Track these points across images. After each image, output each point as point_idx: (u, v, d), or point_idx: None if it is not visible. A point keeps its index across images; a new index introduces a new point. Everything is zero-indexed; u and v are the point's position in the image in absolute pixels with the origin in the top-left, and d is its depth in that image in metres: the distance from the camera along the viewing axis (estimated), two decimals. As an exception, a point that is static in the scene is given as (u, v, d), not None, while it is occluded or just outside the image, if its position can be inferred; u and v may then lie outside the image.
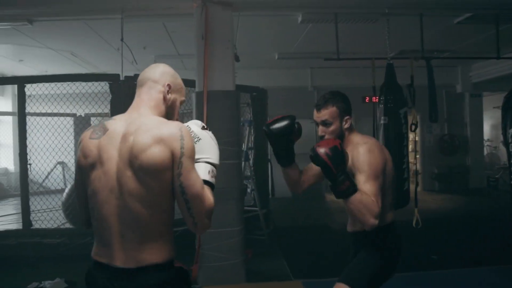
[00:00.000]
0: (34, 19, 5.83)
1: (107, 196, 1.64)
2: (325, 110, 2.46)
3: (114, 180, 1.63)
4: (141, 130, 1.62)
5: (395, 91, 4.84)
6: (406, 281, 4.58)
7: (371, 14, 5.72)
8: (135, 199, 1.60)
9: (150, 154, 1.58)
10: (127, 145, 1.62)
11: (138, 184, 1.60)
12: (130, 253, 1.63)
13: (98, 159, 1.66)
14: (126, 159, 1.61)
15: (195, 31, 4.57)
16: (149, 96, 1.78)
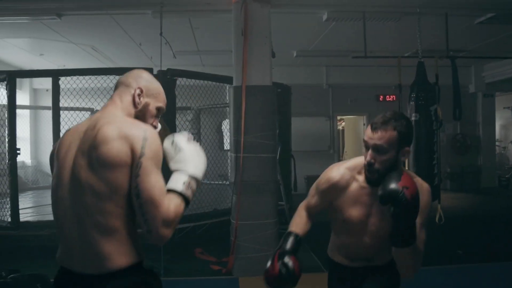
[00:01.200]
0: (63, 13, 5.92)
1: (62, 192, 1.58)
2: (383, 133, 1.91)
3: (69, 175, 1.57)
4: (108, 124, 1.56)
5: (426, 88, 4.94)
6: (435, 274, 4.69)
7: (398, 13, 5.80)
8: (92, 194, 1.50)
9: (110, 147, 1.50)
10: (87, 137, 1.57)
11: (95, 178, 1.50)
12: (89, 257, 1.51)
13: (57, 156, 1.66)
14: (85, 151, 1.55)
15: (232, 27, 4.66)
16: (119, 98, 1.74)
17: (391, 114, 1.95)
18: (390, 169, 1.92)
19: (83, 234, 1.51)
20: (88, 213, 1.50)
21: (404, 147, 1.95)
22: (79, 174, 1.53)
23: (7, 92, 5.23)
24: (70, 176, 1.56)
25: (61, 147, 1.66)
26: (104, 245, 1.49)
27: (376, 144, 1.91)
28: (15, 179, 5.33)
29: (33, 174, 10.89)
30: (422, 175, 4.66)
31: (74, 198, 1.54)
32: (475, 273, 4.73)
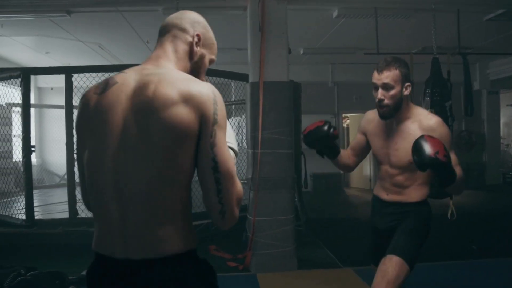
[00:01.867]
0: (73, 10, 5.90)
1: (106, 167, 1.28)
2: (388, 72, 2.28)
3: (117, 144, 1.27)
4: (165, 82, 1.28)
5: (441, 84, 4.94)
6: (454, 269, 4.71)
7: (410, 9, 5.80)
8: (148, 168, 1.24)
9: (175, 112, 1.23)
10: (142, 98, 1.27)
11: (153, 149, 1.24)
12: (139, 240, 1.26)
13: (99, 117, 1.31)
14: (139, 116, 1.26)
15: (249, 23, 4.65)
16: (173, 46, 1.45)
17: (391, 58, 2.35)
18: (399, 103, 2.31)
19: (133, 215, 1.25)
20: (142, 192, 1.24)
21: (406, 82, 2.33)
22: (133, 147, 1.25)
23: (21, 90, 5.21)
24: (119, 148, 1.26)
25: (96, 110, 1.32)
26: (159, 227, 1.25)
27: (384, 82, 2.29)
28: (30, 177, 5.33)
29: (38, 173, 10.86)
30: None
31: (123, 175, 1.25)
32: (490, 268, 4.74)
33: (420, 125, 2.33)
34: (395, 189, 2.46)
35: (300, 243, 5.56)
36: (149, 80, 1.30)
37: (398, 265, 2.22)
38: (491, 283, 4.24)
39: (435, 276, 4.53)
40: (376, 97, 2.33)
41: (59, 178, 10.71)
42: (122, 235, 1.27)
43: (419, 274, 4.51)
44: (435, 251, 5.46)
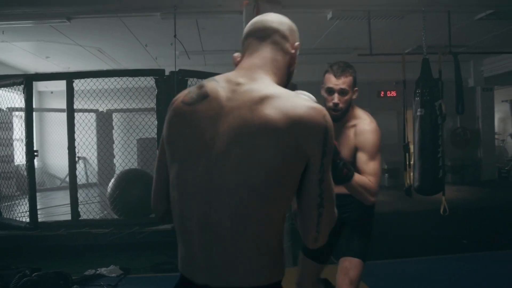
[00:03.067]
0: (73, 16, 6.04)
1: (196, 186, 1.18)
2: (345, 78, 2.37)
3: (214, 166, 1.15)
4: (268, 102, 1.14)
5: (431, 84, 5.08)
6: (443, 262, 4.86)
7: (402, 11, 5.94)
8: (244, 195, 1.13)
9: (280, 139, 1.11)
10: (240, 121, 1.14)
11: (249, 175, 1.12)
12: (226, 270, 1.17)
13: (191, 133, 1.20)
14: (244, 135, 1.13)
15: (244, 27, 4.78)
16: (274, 55, 1.30)
17: (344, 63, 2.46)
18: (348, 107, 2.45)
19: (215, 245, 1.16)
20: (232, 222, 1.14)
21: (355, 87, 2.47)
22: (235, 167, 1.13)
23: (24, 96, 5.35)
24: (218, 168, 1.15)
25: (189, 123, 1.21)
26: (247, 260, 1.16)
27: (341, 88, 2.38)
28: (33, 180, 5.47)
29: (39, 176, 10.99)
30: (427, 168, 4.84)
31: (214, 200, 1.15)
32: (479, 261, 4.88)
33: (356, 129, 2.45)
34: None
35: (296, 240, 5.71)
36: (248, 98, 1.16)
37: (357, 266, 2.45)
38: (481, 275, 4.39)
39: (426, 269, 4.68)
40: (330, 101, 2.40)
41: (60, 181, 10.85)
42: (205, 263, 1.19)
43: (411, 268, 4.71)
44: (428, 246, 5.64)
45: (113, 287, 4.42)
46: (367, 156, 2.35)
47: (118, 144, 9.22)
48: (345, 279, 2.41)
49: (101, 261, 4.98)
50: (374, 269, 4.71)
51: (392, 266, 4.89)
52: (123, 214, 5.76)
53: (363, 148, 2.37)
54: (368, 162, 2.33)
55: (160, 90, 5.39)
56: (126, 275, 4.72)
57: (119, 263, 4.94)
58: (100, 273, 4.71)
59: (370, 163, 2.34)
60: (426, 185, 5.14)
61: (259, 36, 1.31)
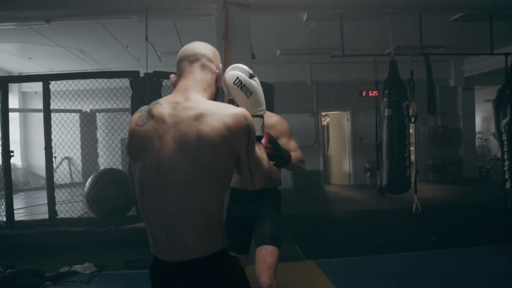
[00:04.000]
0: (51, 19, 6.11)
1: (153, 188, 1.50)
2: None
3: (160, 170, 1.48)
4: (207, 115, 1.47)
5: (398, 85, 5.21)
6: (412, 259, 4.99)
7: (375, 13, 6.07)
8: (187, 189, 1.47)
9: (217, 150, 1.46)
10: (182, 132, 1.47)
11: (192, 174, 1.46)
12: (183, 246, 1.49)
13: (144, 147, 1.52)
14: (179, 147, 1.46)
15: (214, 30, 4.92)
16: (203, 75, 1.61)
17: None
18: None
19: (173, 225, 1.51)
20: (183, 206, 1.49)
21: None
22: (178, 172, 1.50)
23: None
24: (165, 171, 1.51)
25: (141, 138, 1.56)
26: (201, 232, 1.50)
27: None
28: (10, 180, 5.55)
29: (24, 176, 11.08)
30: (394, 167, 4.97)
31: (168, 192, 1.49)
32: (450, 258, 5.02)
33: (270, 123, 2.79)
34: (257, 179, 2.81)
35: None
36: (187, 114, 1.49)
37: (273, 253, 2.68)
38: (442, 272, 4.53)
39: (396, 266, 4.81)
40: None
41: (44, 181, 10.89)
42: (167, 241, 1.53)
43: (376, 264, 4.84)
44: (397, 243, 5.78)
45: (86, 283, 4.52)
46: (287, 138, 2.86)
47: (102, 144, 9.29)
48: (263, 265, 2.62)
49: (77, 258, 5.07)
50: (344, 266, 4.87)
51: (358, 263, 5.02)
52: (100, 212, 5.86)
53: (282, 133, 2.85)
54: (290, 142, 2.86)
55: (134, 92, 5.49)
56: (100, 272, 4.82)
57: (94, 260, 5.03)
58: (75, 270, 4.80)
59: (291, 142, 2.87)
60: (394, 184, 5.27)
61: (190, 60, 1.63)
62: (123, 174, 6.15)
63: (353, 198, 9.92)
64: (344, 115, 11.99)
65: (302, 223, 7.22)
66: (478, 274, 4.41)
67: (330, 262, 4.90)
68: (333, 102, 11.69)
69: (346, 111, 11.88)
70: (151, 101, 1.67)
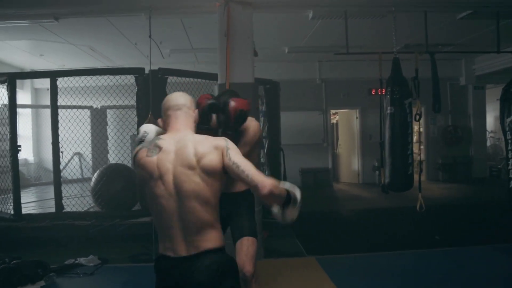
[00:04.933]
0: (59, 16, 6.22)
1: (167, 200, 1.97)
2: None
3: (172, 186, 1.97)
4: (198, 142, 2.02)
5: (400, 83, 5.21)
6: (413, 257, 5.01)
7: (379, 11, 6.07)
8: (193, 199, 1.94)
9: (209, 158, 1.97)
10: (185, 156, 1.98)
11: (196, 186, 1.95)
12: (191, 243, 1.94)
13: (157, 172, 1.99)
14: (184, 167, 1.96)
15: (217, 28, 4.97)
16: (187, 119, 2.17)
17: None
18: None
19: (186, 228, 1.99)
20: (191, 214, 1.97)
21: None
22: (184, 188, 1.99)
23: (8, 93, 5.55)
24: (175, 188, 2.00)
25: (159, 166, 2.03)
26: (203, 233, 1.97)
27: None
28: (17, 174, 5.67)
29: (36, 171, 11.26)
30: (397, 165, 4.98)
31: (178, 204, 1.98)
32: (453, 257, 5.02)
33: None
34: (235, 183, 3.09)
35: (273, 235, 5.89)
36: (182, 145, 2.02)
37: (254, 243, 2.96)
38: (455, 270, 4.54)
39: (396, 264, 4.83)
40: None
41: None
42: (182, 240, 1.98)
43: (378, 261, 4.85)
44: (401, 241, 5.79)
45: (89, 275, 4.63)
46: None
47: (112, 140, 9.41)
48: (247, 256, 2.88)
49: (82, 251, 5.19)
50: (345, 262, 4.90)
51: (358, 260, 5.05)
52: (105, 207, 5.96)
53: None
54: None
55: (139, 88, 5.57)
56: (104, 265, 4.93)
57: (99, 253, 5.15)
58: (79, 263, 4.92)
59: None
60: (396, 182, 5.28)
61: (175, 110, 2.17)
62: (129, 169, 6.24)
63: (361, 196, 9.92)
64: (353, 113, 11.97)
65: (308, 220, 7.21)
66: (483, 273, 4.42)
67: (331, 259, 4.94)
68: (342, 100, 11.67)
69: (355, 109, 11.85)
70: (156, 97, 2.38)
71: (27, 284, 4.22)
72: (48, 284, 4.31)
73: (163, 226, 2.01)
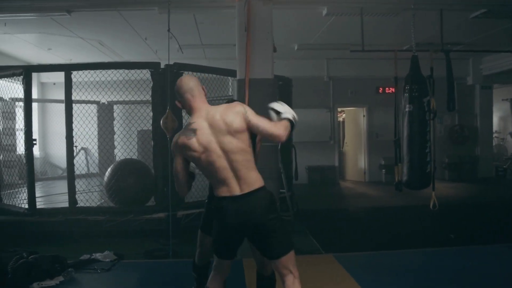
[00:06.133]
0: (73, 9, 6.17)
1: (218, 160, 2.52)
2: None
3: (219, 150, 2.52)
4: (224, 113, 2.51)
5: (419, 81, 5.19)
6: (428, 255, 4.98)
7: (395, 8, 6.04)
8: (236, 153, 2.50)
9: (236, 122, 2.49)
10: (219, 125, 2.49)
11: (235, 144, 2.49)
12: (243, 185, 2.51)
13: (201, 147, 2.50)
14: (223, 134, 2.50)
15: (236, 23, 4.93)
16: (202, 97, 2.63)
17: None
18: None
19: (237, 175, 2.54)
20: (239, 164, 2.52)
21: None
22: (228, 148, 2.52)
23: (23, 86, 5.50)
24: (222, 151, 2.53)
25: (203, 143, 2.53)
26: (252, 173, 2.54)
27: None
28: (32, 168, 5.64)
29: (42, 166, 11.20)
30: (415, 163, 4.96)
31: (228, 160, 2.51)
32: (465, 255, 5.00)
33: None
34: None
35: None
36: (214, 119, 2.52)
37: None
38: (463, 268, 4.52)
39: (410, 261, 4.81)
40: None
41: (62, 171, 11.03)
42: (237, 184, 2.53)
43: (395, 259, 4.84)
44: (416, 239, 5.77)
45: (107, 271, 4.58)
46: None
47: (119, 135, 9.36)
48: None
49: (97, 247, 5.14)
50: (361, 260, 4.88)
51: (374, 257, 5.02)
52: (119, 202, 5.92)
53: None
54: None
55: (155, 83, 5.53)
56: (120, 260, 4.89)
57: (113, 249, 5.09)
58: (95, 258, 4.87)
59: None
60: (414, 180, 5.26)
61: (191, 92, 2.61)
62: (142, 165, 6.21)
63: (368, 194, 9.91)
64: (360, 111, 11.95)
65: (317, 217, 7.24)
66: (493, 272, 4.39)
67: (348, 256, 4.91)
68: (350, 98, 11.65)
69: (362, 107, 11.83)
70: (173, 92, 2.79)
71: (45, 279, 4.17)
72: (66, 279, 4.27)
73: (220, 179, 2.54)
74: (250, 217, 2.52)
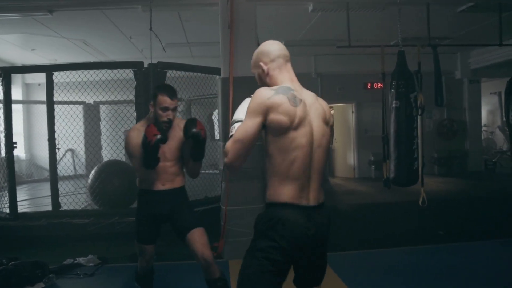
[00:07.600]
0: (54, 9, 6.05)
1: (303, 150, 2.01)
2: (175, 99, 3.14)
3: (310, 138, 2.02)
4: (320, 101, 2.15)
5: (406, 76, 5.12)
6: (418, 253, 4.94)
7: (381, 3, 5.98)
8: (325, 151, 2.10)
9: (330, 115, 2.15)
10: (319, 111, 2.08)
11: (327, 139, 2.10)
12: (317, 193, 2.07)
13: (297, 122, 1.98)
14: (322, 121, 2.08)
15: (220, 20, 4.83)
16: (292, 71, 2.20)
17: (170, 87, 3.21)
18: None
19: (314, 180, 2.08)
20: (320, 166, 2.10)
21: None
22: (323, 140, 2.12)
23: (2, 88, 5.38)
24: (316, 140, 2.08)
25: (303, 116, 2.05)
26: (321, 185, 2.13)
27: (174, 106, 3.13)
28: (13, 172, 5.50)
29: (27, 168, 11.05)
30: (402, 159, 4.90)
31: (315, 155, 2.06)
32: (455, 252, 4.96)
33: (179, 128, 3.17)
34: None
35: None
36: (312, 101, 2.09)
37: (204, 232, 3.21)
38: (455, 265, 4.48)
39: (400, 259, 4.77)
40: (165, 116, 3.09)
41: (48, 173, 10.86)
42: (311, 191, 2.06)
43: (385, 258, 4.79)
44: (405, 236, 5.73)
45: (90, 276, 4.49)
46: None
47: (106, 136, 9.24)
48: (203, 245, 3.14)
49: (81, 250, 5.04)
50: (348, 259, 4.82)
51: (362, 257, 4.98)
52: (104, 204, 5.81)
53: None
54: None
55: (138, 82, 5.43)
56: (104, 265, 4.79)
57: (98, 252, 5.00)
58: (78, 263, 4.77)
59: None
60: (401, 177, 5.19)
61: (286, 60, 2.20)
62: (127, 166, 6.09)
63: (357, 190, 9.86)
64: (349, 108, 11.90)
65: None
66: (484, 268, 4.37)
67: (335, 255, 4.82)
68: (338, 94, 11.58)
69: (350, 103, 11.78)
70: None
71: (26, 286, 4.07)
72: (47, 286, 4.16)
73: (293, 175, 2.01)
74: (324, 234, 2.13)
